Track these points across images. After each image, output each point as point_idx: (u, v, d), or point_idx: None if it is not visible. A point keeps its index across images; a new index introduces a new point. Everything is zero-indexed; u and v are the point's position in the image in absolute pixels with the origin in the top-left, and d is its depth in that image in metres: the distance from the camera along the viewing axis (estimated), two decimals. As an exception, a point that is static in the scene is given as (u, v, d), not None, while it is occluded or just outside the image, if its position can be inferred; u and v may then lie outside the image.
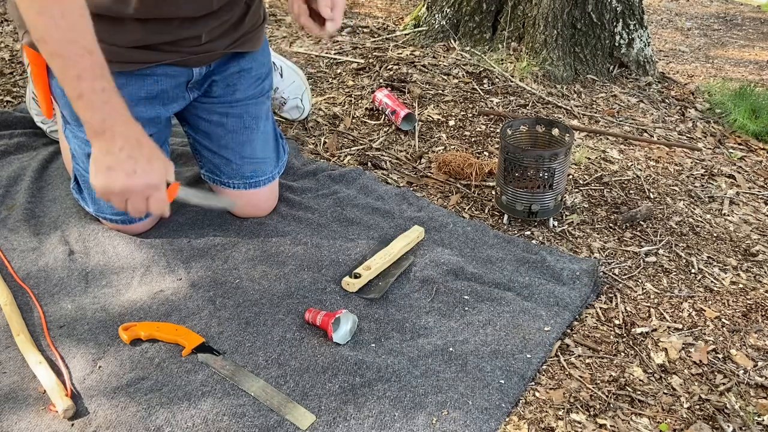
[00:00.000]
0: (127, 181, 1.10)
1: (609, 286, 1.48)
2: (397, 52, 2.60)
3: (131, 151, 1.11)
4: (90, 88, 1.06)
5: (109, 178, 1.10)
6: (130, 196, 1.12)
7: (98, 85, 1.07)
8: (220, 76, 1.46)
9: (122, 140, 1.10)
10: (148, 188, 1.12)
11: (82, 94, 1.06)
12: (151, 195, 1.13)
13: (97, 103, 1.07)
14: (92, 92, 1.06)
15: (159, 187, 1.14)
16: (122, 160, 1.10)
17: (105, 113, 1.08)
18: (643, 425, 1.15)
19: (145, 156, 1.12)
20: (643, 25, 2.53)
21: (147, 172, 1.12)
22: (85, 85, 1.06)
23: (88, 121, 1.09)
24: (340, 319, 1.27)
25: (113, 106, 1.09)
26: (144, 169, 1.11)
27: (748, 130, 2.28)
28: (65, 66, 1.05)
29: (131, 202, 1.13)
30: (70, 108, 1.34)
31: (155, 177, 1.13)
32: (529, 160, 1.56)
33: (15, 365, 1.19)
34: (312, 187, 1.74)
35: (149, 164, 1.12)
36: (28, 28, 1.05)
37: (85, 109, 1.08)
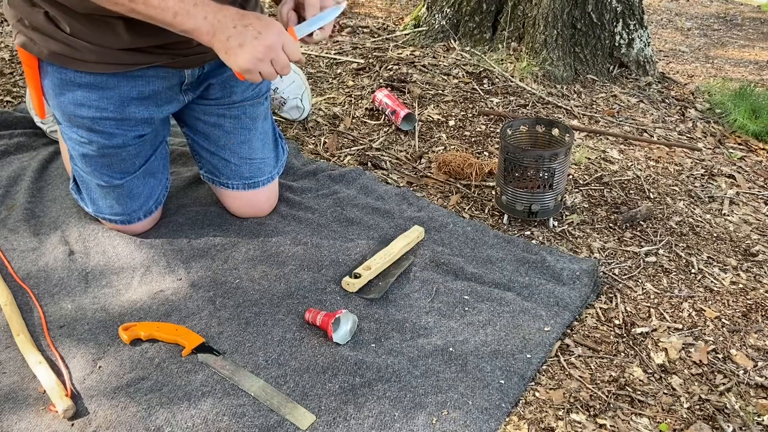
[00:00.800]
0: (261, 42, 1.14)
1: (609, 286, 1.48)
2: (397, 52, 2.60)
3: (243, 21, 1.15)
4: (177, 2, 1.12)
5: (249, 52, 1.14)
6: (272, 54, 1.16)
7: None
8: (216, 78, 1.46)
9: (229, 20, 1.15)
10: (278, 37, 1.16)
11: (176, 12, 1.12)
12: (283, 42, 1.17)
13: (191, 10, 1.13)
14: (181, 3, 1.12)
15: (284, 32, 1.18)
16: (244, 33, 1.14)
17: (202, 11, 1.14)
18: (643, 425, 1.15)
19: (254, 18, 1.16)
20: (643, 25, 2.53)
21: (266, 26, 1.16)
22: (171, 2, 1.12)
23: (196, 29, 1.14)
24: (340, 319, 1.27)
25: (201, 2, 1.14)
26: (263, 26, 1.15)
27: (748, 130, 2.28)
28: (148, 0, 1.11)
29: (275, 59, 1.16)
30: (61, 109, 1.34)
31: (275, 26, 1.17)
32: (529, 160, 1.56)
33: (15, 365, 1.19)
34: (312, 187, 1.74)
35: (262, 21, 1.16)
36: None
37: (186, 21, 1.13)
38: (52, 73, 1.31)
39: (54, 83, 1.32)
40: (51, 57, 1.28)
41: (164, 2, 1.11)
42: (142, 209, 1.48)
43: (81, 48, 1.26)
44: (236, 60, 1.15)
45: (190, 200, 1.65)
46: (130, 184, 1.44)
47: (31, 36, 1.28)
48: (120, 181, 1.43)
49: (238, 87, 1.48)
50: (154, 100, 1.39)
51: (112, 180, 1.42)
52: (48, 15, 1.25)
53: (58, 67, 1.30)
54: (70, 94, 1.32)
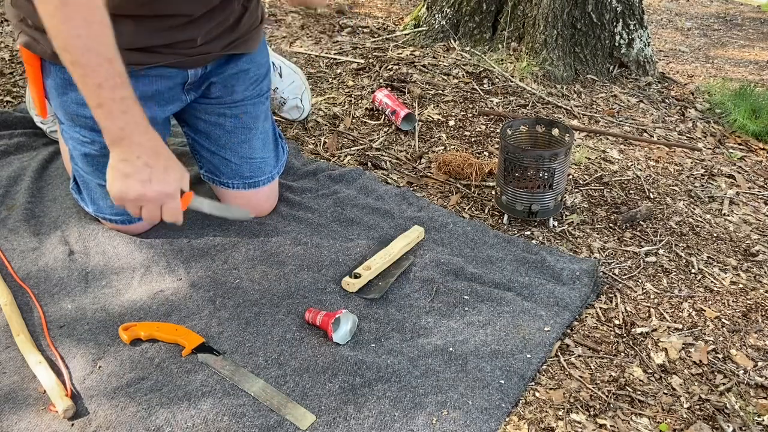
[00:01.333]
0: (142, 189, 1.12)
1: (609, 286, 1.48)
2: (397, 52, 2.60)
3: (148, 160, 1.12)
4: (110, 98, 1.07)
5: (125, 186, 1.12)
6: (144, 204, 1.14)
7: (118, 94, 1.08)
8: (218, 77, 1.46)
9: (139, 149, 1.12)
10: (162, 196, 1.14)
11: (101, 103, 1.08)
12: (166, 203, 1.15)
13: (116, 112, 1.09)
14: (112, 101, 1.08)
15: (173, 196, 1.16)
16: (139, 169, 1.11)
17: (124, 122, 1.10)
18: (643, 425, 1.15)
19: (161, 165, 1.14)
20: (643, 25, 2.53)
21: (162, 181, 1.13)
22: (106, 94, 1.07)
23: (107, 128, 1.11)
24: (340, 319, 1.27)
25: (132, 115, 1.10)
26: (159, 178, 1.13)
27: (748, 130, 2.28)
28: (86, 75, 1.06)
29: (146, 209, 1.15)
30: (63, 108, 1.34)
31: (170, 186, 1.15)
32: (529, 160, 1.56)
33: (15, 365, 1.19)
34: (312, 187, 1.74)
35: (165, 173, 1.14)
36: (50, 37, 1.05)
37: (104, 117, 1.10)
38: (55, 73, 1.31)
39: (57, 83, 1.32)
40: (54, 57, 1.28)
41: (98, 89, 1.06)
42: (142, 209, 1.48)
43: None
44: (113, 184, 1.13)
45: (190, 200, 1.65)
46: (130, 185, 1.44)
47: (35, 35, 1.27)
48: (120, 182, 1.43)
49: (239, 86, 1.48)
50: (157, 100, 1.39)
51: (111, 180, 1.42)
52: None
53: (60, 67, 1.30)
54: (73, 94, 1.32)
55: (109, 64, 1.06)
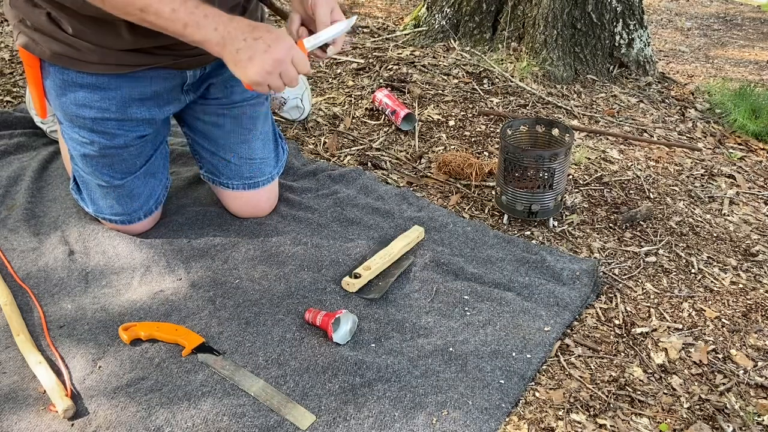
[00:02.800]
0: (271, 55, 1.15)
1: (609, 286, 1.48)
2: (397, 52, 2.60)
3: (253, 34, 1.15)
4: (188, 13, 1.12)
5: (257, 65, 1.15)
6: (281, 68, 1.16)
7: (190, 6, 1.12)
8: (217, 78, 1.46)
9: (240, 32, 1.15)
10: (288, 50, 1.16)
11: (186, 23, 1.13)
12: (293, 55, 1.17)
13: (202, 21, 1.13)
14: (192, 15, 1.12)
15: (294, 46, 1.18)
16: (254, 46, 1.14)
17: (213, 23, 1.14)
18: (643, 425, 1.15)
19: (264, 30, 1.16)
20: (643, 25, 2.53)
21: (276, 39, 1.16)
22: (182, 13, 1.12)
23: (205, 39, 1.15)
24: (340, 319, 1.27)
25: (213, 14, 1.14)
26: (273, 39, 1.16)
27: (748, 130, 2.27)
28: (158, 11, 1.11)
29: (284, 72, 1.17)
30: (62, 109, 1.34)
31: (285, 40, 1.18)
32: (529, 160, 1.56)
33: (15, 365, 1.19)
34: (312, 187, 1.74)
35: (272, 34, 1.17)
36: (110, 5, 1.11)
37: (196, 31, 1.14)
38: (53, 74, 1.31)
39: (56, 84, 1.32)
40: (53, 58, 1.28)
41: (175, 13, 1.12)
42: (142, 209, 1.48)
43: (83, 49, 1.26)
44: (245, 72, 1.16)
45: (190, 200, 1.65)
46: (130, 184, 1.44)
47: (33, 36, 1.28)
48: (120, 182, 1.43)
49: (238, 87, 1.48)
50: (156, 101, 1.39)
51: (112, 180, 1.42)
52: (50, 16, 1.25)
53: (60, 68, 1.30)
54: (72, 95, 1.32)
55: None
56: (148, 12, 1.11)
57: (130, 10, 1.12)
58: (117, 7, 1.12)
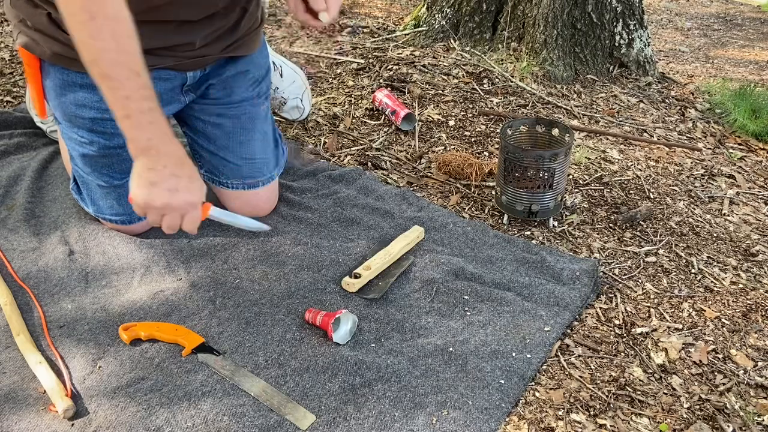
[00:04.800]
0: (169, 198, 1.12)
1: (609, 286, 1.48)
2: (397, 52, 2.60)
3: (174, 169, 1.13)
4: (138, 109, 1.08)
5: (152, 194, 1.12)
6: (168, 213, 1.14)
7: (145, 105, 1.08)
8: (216, 79, 1.46)
9: (166, 158, 1.12)
10: (187, 206, 1.14)
11: (129, 114, 1.08)
12: (188, 212, 1.15)
13: (144, 123, 1.09)
14: (140, 113, 1.08)
15: (196, 206, 1.16)
16: (166, 177, 1.12)
17: (151, 132, 1.10)
18: (643, 425, 1.15)
19: (186, 174, 1.14)
20: (643, 25, 2.53)
21: (188, 190, 1.14)
22: (133, 105, 1.08)
23: (134, 138, 1.11)
24: (340, 319, 1.27)
25: (158, 125, 1.11)
26: (186, 187, 1.14)
27: (748, 130, 2.27)
28: (114, 87, 1.06)
29: (168, 218, 1.15)
30: (62, 109, 1.34)
31: (195, 195, 1.15)
32: (529, 160, 1.56)
33: (15, 365, 1.19)
34: (312, 187, 1.74)
35: (191, 182, 1.15)
36: (79, 51, 1.06)
37: (131, 128, 1.10)
38: (53, 74, 1.31)
39: (55, 84, 1.32)
40: (53, 58, 1.28)
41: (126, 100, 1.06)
42: (142, 209, 1.48)
43: None
44: (138, 191, 1.13)
45: (190, 200, 1.65)
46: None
47: (34, 37, 1.28)
48: (120, 182, 1.43)
49: (237, 87, 1.48)
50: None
51: (112, 180, 1.42)
52: (51, 16, 1.25)
53: (60, 68, 1.30)
54: (72, 95, 1.32)
55: (136, 77, 1.07)
56: (105, 80, 1.06)
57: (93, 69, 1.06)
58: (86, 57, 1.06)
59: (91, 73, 1.07)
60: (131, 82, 1.06)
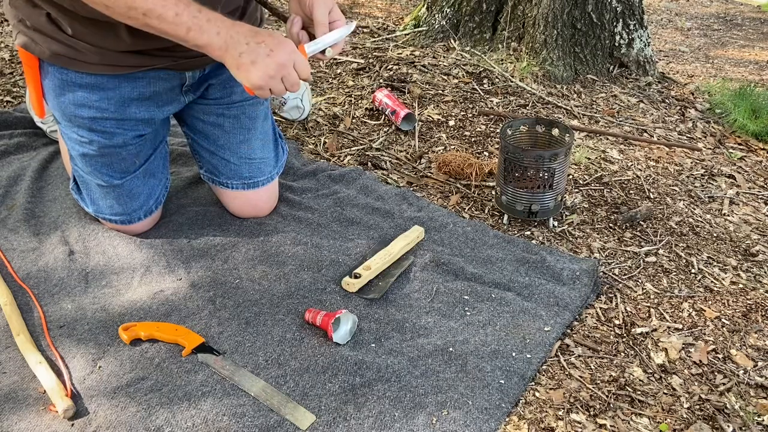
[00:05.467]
0: (273, 59, 1.15)
1: (609, 286, 1.48)
2: (397, 52, 2.60)
3: (255, 38, 1.16)
4: (191, 17, 1.12)
5: (261, 69, 1.15)
6: (283, 73, 1.16)
7: (194, 10, 1.13)
8: (216, 79, 1.46)
9: (242, 37, 1.15)
10: (290, 55, 1.17)
11: (189, 27, 1.13)
12: (295, 60, 1.17)
13: (205, 25, 1.13)
14: (195, 19, 1.13)
15: (296, 51, 1.18)
16: (256, 50, 1.15)
17: (215, 27, 1.14)
18: (643, 425, 1.15)
19: (266, 35, 1.17)
20: (643, 25, 2.53)
21: (279, 44, 1.16)
22: (185, 17, 1.12)
23: (208, 43, 1.15)
24: (340, 319, 1.27)
25: (215, 18, 1.15)
26: (275, 44, 1.16)
27: (748, 130, 2.27)
28: (161, 15, 1.11)
29: (286, 76, 1.17)
30: (61, 109, 1.34)
31: (287, 44, 1.18)
32: (529, 160, 1.56)
33: (15, 365, 1.19)
34: (312, 187, 1.74)
35: (274, 39, 1.17)
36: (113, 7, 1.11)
37: (199, 36, 1.14)
38: (52, 74, 1.31)
39: (54, 83, 1.32)
40: (52, 58, 1.28)
41: (178, 17, 1.12)
42: (142, 209, 1.48)
43: (83, 49, 1.26)
44: (248, 76, 1.16)
45: (190, 200, 1.65)
46: (130, 184, 1.44)
47: (33, 36, 1.28)
48: (120, 181, 1.43)
49: (237, 87, 1.48)
50: (155, 101, 1.39)
51: (112, 180, 1.42)
52: (50, 16, 1.25)
53: (59, 68, 1.30)
54: (71, 95, 1.32)
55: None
56: (151, 16, 1.11)
57: (133, 14, 1.12)
58: (120, 11, 1.12)
59: (133, 20, 1.12)
60: (170, 2, 1.11)
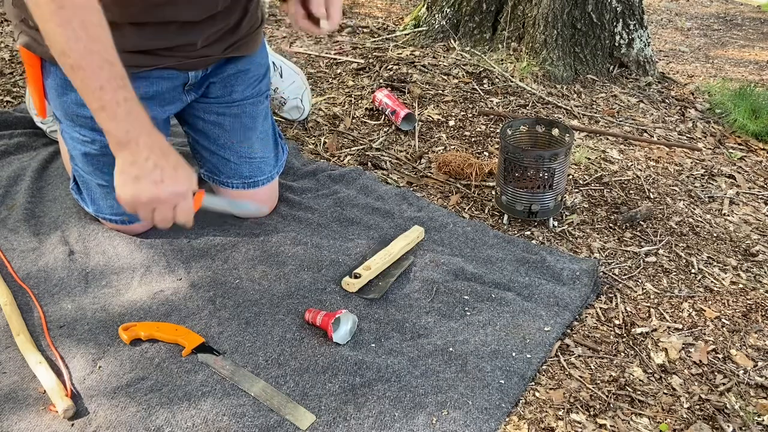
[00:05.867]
0: (155, 190, 1.08)
1: (609, 286, 1.48)
2: (397, 52, 2.60)
3: (157, 160, 1.09)
4: (113, 99, 1.05)
5: (137, 189, 1.09)
6: (158, 206, 1.11)
7: (120, 95, 1.05)
8: (217, 77, 1.46)
9: (147, 150, 1.08)
10: (175, 196, 1.10)
11: (104, 106, 1.05)
12: (179, 203, 1.12)
13: (121, 114, 1.06)
14: (115, 103, 1.05)
15: (186, 195, 1.13)
16: (149, 170, 1.08)
17: (129, 124, 1.07)
18: (643, 425, 1.15)
19: (171, 164, 1.11)
20: (643, 25, 2.53)
21: (174, 180, 1.10)
22: (108, 96, 1.04)
23: (112, 132, 1.08)
24: (340, 319, 1.27)
25: (136, 116, 1.08)
26: (171, 177, 1.10)
27: (748, 130, 2.27)
28: (86, 78, 1.03)
29: (159, 211, 1.11)
30: (63, 108, 1.34)
31: (183, 185, 1.11)
32: (529, 160, 1.56)
33: (15, 365, 1.19)
34: (312, 187, 1.74)
35: (175, 172, 1.11)
36: (48, 42, 1.03)
37: (108, 120, 1.07)
38: (55, 73, 1.31)
39: (57, 83, 1.32)
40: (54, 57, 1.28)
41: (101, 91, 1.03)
42: (142, 209, 1.48)
43: None
44: (123, 188, 1.10)
45: (190, 200, 1.65)
46: (130, 184, 1.44)
47: (35, 36, 1.27)
48: (120, 181, 1.43)
49: (238, 86, 1.49)
50: (158, 101, 1.39)
51: (112, 180, 1.42)
52: None
53: (60, 68, 1.30)
54: (73, 94, 1.32)
55: (110, 66, 1.04)
56: (76, 72, 1.03)
57: (63, 60, 1.03)
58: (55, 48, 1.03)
59: (62, 65, 1.04)
60: (104, 72, 1.03)
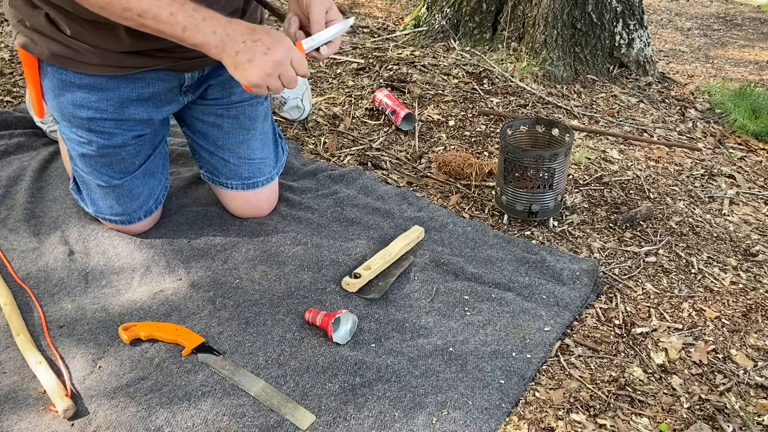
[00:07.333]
0: (269, 58, 1.15)
1: (609, 286, 1.48)
2: (397, 52, 2.60)
3: (252, 36, 1.15)
4: (187, 16, 1.12)
5: (257, 67, 1.15)
6: (280, 69, 1.16)
7: (189, 9, 1.12)
8: (216, 79, 1.46)
9: (239, 35, 1.15)
10: (287, 52, 1.16)
11: (185, 26, 1.12)
12: (292, 57, 1.17)
13: (200, 24, 1.13)
14: (191, 18, 1.12)
15: (292, 47, 1.18)
16: (253, 48, 1.14)
17: (211, 26, 1.14)
18: (643, 425, 1.15)
19: (264, 33, 1.16)
20: (643, 25, 2.53)
21: (276, 41, 1.16)
22: (181, 16, 1.12)
23: (204, 43, 1.15)
24: (340, 319, 1.27)
25: (210, 17, 1.14)
26: (272, 42, 1.16)
27: (748, 130, 2.28)
28: (157, 15, 1.11)
29: (283, 74, 1.17)
30: (60, 109, 1.34)
31: (284, 41, 1.18)
32: (529, 160, 1.56)
33: (15, 365, 1.19)
34: (312, 187, 1.74)
35: (271, 36, 1.17)
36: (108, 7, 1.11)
37: (195, 35, 1.14)
38: (51, 74, 1.31)
39: (54, 84, 1.32)
40: (51, 58, 1.28)
41: (173, 17, 1.11)
42: (142, 209, 1.48)
43: (82, 50, 1.26)
44: (245, 75, 1.16)
45: (190, 200, 1.65)
46: (129, 184, 1.44)
47: (32, 37, 1.28)
48: (120, 181, 1.43)
49: (237, 88, 1.49)
50: (154, 102, 1.39)
51: (111, 180, 1.42)
52: (49, 17, 1.25)
53: (58, 68, 1.30)
54: (70, 95, 1.32)
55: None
56: (146, 17, 1.11)
57: (128, 15, 1.12)
58: (115, 12, 1.12)
59: (130, 22, 1.12)
60: (164, 2, 1.11)
